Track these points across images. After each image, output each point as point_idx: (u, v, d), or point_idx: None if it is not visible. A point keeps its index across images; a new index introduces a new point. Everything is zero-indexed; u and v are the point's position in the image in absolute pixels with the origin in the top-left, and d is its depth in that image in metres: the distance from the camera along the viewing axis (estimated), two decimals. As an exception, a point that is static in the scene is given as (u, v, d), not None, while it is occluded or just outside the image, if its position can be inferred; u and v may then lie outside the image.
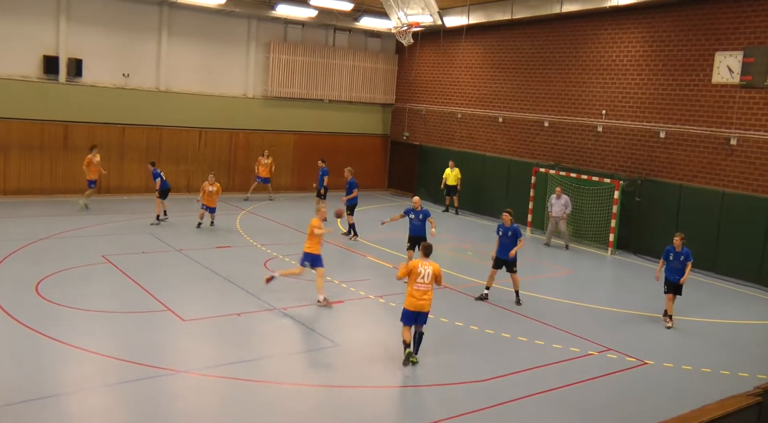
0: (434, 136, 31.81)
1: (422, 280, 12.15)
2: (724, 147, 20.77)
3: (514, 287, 16.65)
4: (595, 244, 23.39)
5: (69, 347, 12.07)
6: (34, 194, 25.82)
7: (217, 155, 29.61)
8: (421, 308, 12.19)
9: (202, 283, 16.67)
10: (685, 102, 21.79)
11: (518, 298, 16.58)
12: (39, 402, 10.04)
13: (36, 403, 9.99)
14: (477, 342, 13.87)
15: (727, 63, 20.64)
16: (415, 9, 18.40)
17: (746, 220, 20.05)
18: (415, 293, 12.16)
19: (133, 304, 14.67)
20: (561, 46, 25.80)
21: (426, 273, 12.16)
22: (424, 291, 12.19)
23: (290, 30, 30.95)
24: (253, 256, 19.41)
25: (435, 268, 12.27)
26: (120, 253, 18.56)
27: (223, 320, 14.09)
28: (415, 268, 12.18)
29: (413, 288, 12.17)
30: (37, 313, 13.64)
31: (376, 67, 33.36)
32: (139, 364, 11.53)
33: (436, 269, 12.28)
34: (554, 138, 26.04)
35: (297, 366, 12.22)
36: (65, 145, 26.23)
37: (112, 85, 27.02)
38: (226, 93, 29.79)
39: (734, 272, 20.23)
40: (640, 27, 23.09)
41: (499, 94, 28.46)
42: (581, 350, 13.65)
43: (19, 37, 25.05)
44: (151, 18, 27.53)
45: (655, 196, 22.34)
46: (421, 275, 12.14)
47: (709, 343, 14.83)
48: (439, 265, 12.43)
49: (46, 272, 16.27)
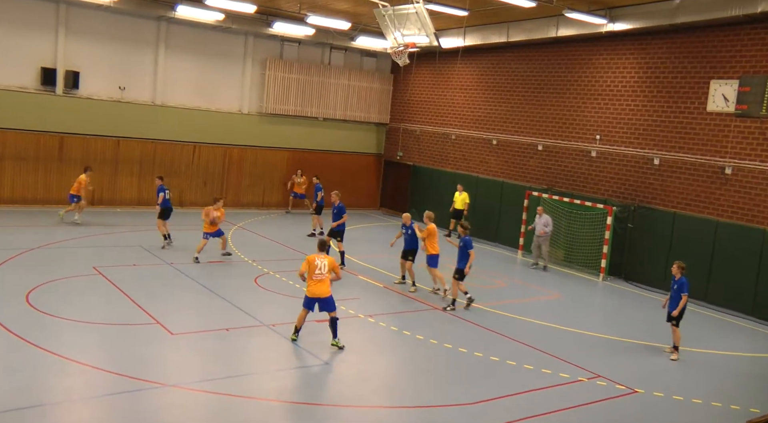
0: (428, 156, 31.85)
1: (319, 271, 13.53)
2: (719, 176, 20.82)
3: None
4: (586, 269, 23.36)
5: (57, 357, 11.99)
6: (28, 204, 25.79)
7: (210, 170, 29.62)
8: (320, 295, 13.55)
9: (192, 297, 16.60)
10: (680, 129, 21.86)
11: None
12: (25, 411, 9.95)
13: (22, 413, 9.90)
14: (465, 365, 13.79)
15: (723, 91, 20.73)
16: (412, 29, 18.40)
17: (740, 251, 19.98)
18: (312, 283, 13.56)
19: (122, 316, 14.58)
20: (556, 70, 25.91)
21: (322, 265, 13.56)
22: (319, 281, 13.53)
23: (287, 47, 31.06)
24: (244, 272, 19.35)
25: (330, 260, 13.73)
26: (111, 265, 18.48)
27: (212, 335, 14.02)
28: (312, 261, 13.59)
29: (311, 279, 13.57)
30: (26, 322, 13.56)
31: (371, 86, 33.45)
32: (126, 377, 11.43)
33: (331, 261, 13.73)
34: (548, 162, 26.09)
35: (284, 383, 12.12)
36: (60, 156, 26.23)
37: (108, 97, 27.04)
38: (221, 108, 29.82)
39: (727, 303, 20.13)
40: (635, 53, 23.21)
41: (494, 117, 28.53)
42: (571, 376, 13.59)
43: (18, 49, 25.17)
44: (149, 32, 27.61)
45: (648, 223, 22.35)
46: (318, 267, 13.53)
47: (701, 373, 14.74)
48: (334, 259, 14.08)
49: (37, 282, 16.20)
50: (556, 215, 24.28)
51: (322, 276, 13.54)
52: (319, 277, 13.54)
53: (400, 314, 16.84)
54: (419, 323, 16.22)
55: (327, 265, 13.60)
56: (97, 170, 26.60)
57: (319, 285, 13.53)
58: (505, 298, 19.62)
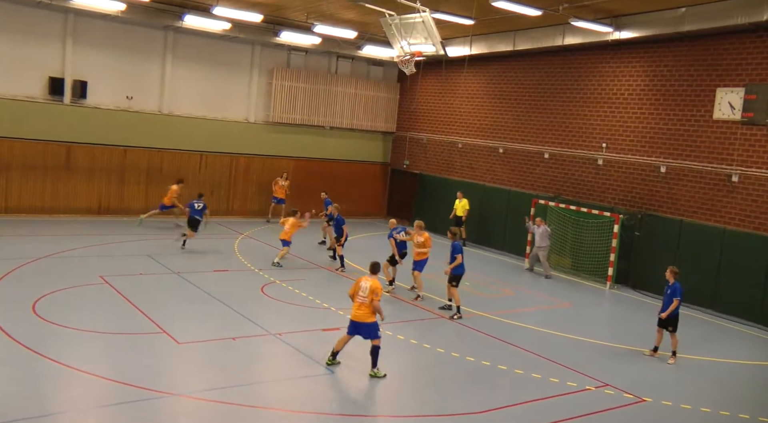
0: (435, 165, 31.86)
1: (362, 293, 12.96)
2: (725, 184, 20.78)
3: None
4: (593, 277, 23.31)
5: (63, 367, 12.00)
6: (35, 213, 25.85)
7: (217, 179, 29.68)
8: (358, 319, 12.96)
9: (199, 306, 16.61)
10: (686, 137, 21.84)
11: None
12: (32, 421, 9.94)
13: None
14: (473, 373, 13.76)
15: (729, 99, 20.70)
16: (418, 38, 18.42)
17: (747, 258, 19.91)
18: (355, 305, 13.07)
19: (128, 326, 14.60)
20: (562, 79, 25.92)
21: (365, 287, 12.95)
22: (360, 303, 12.93)
23: (293, 56, 31.14)
24: (251, 281, 19.36)
25: (374, 284, 13.01)
26: (118, 274, 18.51)
27: (218, 344, 14.02)
28: (359, 282, 13.15)
29: (355, 300, 13.08)
30: (33, 332, 13.58)
31: (378, 95, 33.50)
32: (132, 386, 11.44)
33: (374, 287, 12.97)
34: (554, 170, 26.08)
35: (291, 392, 12.10)
36: (67, 165, 26.32)
37: (115, 107, 27.15)
38: (228, 117, 29.91)
39: (735, 310, 20.06)
40: (641, 61, 23.20)
41: (500, 125, 28.54)
42: (578, 385, 13.55)
43: (26, 59, 25.31)
44: (157, 42, 27.73)
45: (655, 231, 22.30)
46: (362, 289, 12.99)
47: (709, 381, 14.69)
48: (380, 284, 13.18)
49: (43, 291, 16.22)
50: (563, 223, 24.27)
51: (363, 299, 12.92)
52: (360, 300, 12.95)
53: (406, 323, 16.83)
54: (426, 332, 16.21)
55: (369, 288, 12.92)
56: (103, 179, 26.86)
57: (359, 308, 12.95)
58: (512, 306, 19.60)
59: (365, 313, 12.90)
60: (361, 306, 12.91)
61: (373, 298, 12.83)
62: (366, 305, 12.87)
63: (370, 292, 12.85)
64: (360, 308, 12.93)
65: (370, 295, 12.83)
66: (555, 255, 24.68)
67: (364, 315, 12.89)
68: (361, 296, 12.93)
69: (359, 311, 12.93)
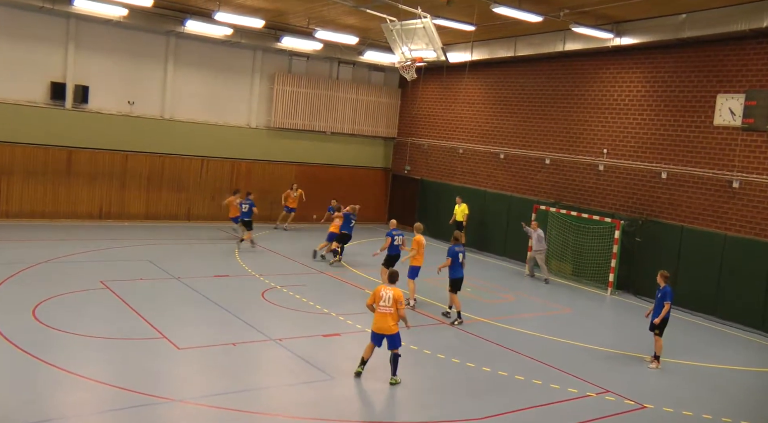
0: (436, 170, 31.88)
1: (384, 303, 12.78)
2: (726, 190, 20.78)
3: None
4: (594, 283, 23.30)
5: (64, 372, 12.00)
6: (36, 218, 25.88)
7: (218, 184, 29.67)
8: (383, 331, 12.76)
9: (199, 311, 16.61)
10: (687, 143, 21.85)
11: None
12: (30, 428, 9.95)
13: (27, 430, 9.90)
14: (473, 380, 13.76)
15: (729, 105, 20.72)
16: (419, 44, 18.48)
17: (748, 265, 19.88)
18: (377, 316, 12.84)
19: (129, 331, 14.60)
20: (563, 84, 25.95)
21: (387, 297, 12.79)
22: (383, 314, 12.75)
23: (295, 62, 31.19)
24: (251, 286, 19.36)
25: (396, 293, 12.83)
26: (118, 279, 18.53)
27: (218, 349, 14.02)
28: (378, 292, 12.90)
29: (377, 311, 12.86)
30: (33, 337, 13.58)
31: (379, 100, 33.53)
32: (133, 392, 11.44)
33: (397, 295, 12.81)
34: (555, 176, 26.09)
35: (291, 398, 12.09)
36: (68, 170, 26.34)
37: (117, 112, 27.18)
38: (229, 123, 29.94)
39: (736, 317, 20.04)
40: (642, 67, 23.23)
41: (501, 131, 28.57)
42: (579, 391, 13.54)
43: (28, 64, 25.34)
44: (158, 47, 27.77)
45: (656, 237, 22.30)
46: (383, 299, 12.80)
47: (711, 388, 14.67)
48: (401, 291, 13.01)
49: (43, 296, 16.23)
50: (564, 229, 24.29)
51: (386, 309, 12.75)
52: (383, 310, 12.76)
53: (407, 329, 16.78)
54: (427, 338, 16.18)
55: (392, 297, 12.77)
56: (104, 184, 26.88)
57: (383, 318, 12.75)
58: (513, 312, 19.57)
59: (390, 323, 12.74)
60: (385, 316, 12.74)
61: (398, 307, 12.75)
62: (391, 315, 12.73)
63: (393, 302, 12.74)
64: (384, 318, 12.74)
65: (394, 305, 12.73)
66: (556, 261, 24.69)
67: (389, 326, 12.73)
68: (383, 306, 12.77)
69: (380, 321, 12.77)
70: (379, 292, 12.87)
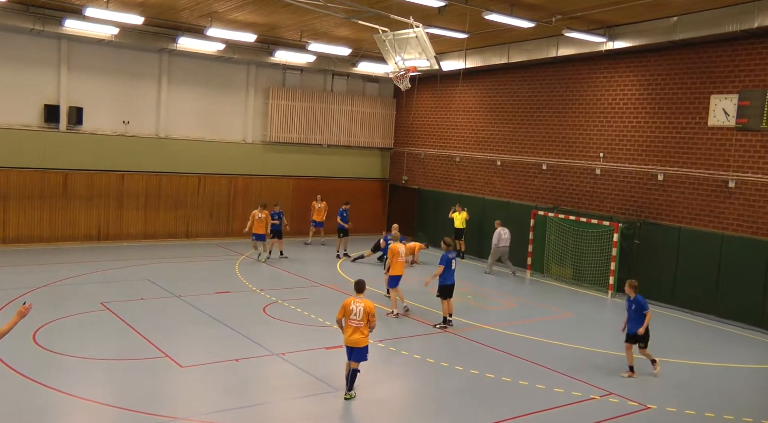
0: (433, 179, 31.91)
1: (354, 317, 12.40)
2: (723, 189, 20.81)
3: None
4: (594, 287, 23.31)
5: (66, 396, 11.97)
6: (34, 242, 25.82)
7: (216, 201, 29.69)
8: (353, 344, 12.40)
9: (201, 328, 16.59)
10: (682, 145, 21.89)
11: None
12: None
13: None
14: (477, 386, 13.74)
15: (723, 106, 20.77)
16: (413, 54, 18.48)
17: (746, 263, 19.93)
18: (348, 329, 12.46)
19: (131, 351, 14.58)
20: (558, 89, 26.00)
21: (358, 310, 12.40)
22: (356, 328, 12.36)
23: (289, 75, 31.26)
24: (252, 301, 19.35)
25: (367, 305, 12.46)
26: (119, 300, 18.50)
27: (222, 366, 14.00)
28: (348, 306, 12.49)
29: (347, 324, 12.47)
30: (34, 362, 13.53)
31: (374, 111, 33.60)
32: (136, 412, 11.42)
33: (368, 307, 12.45)
34: (552, 181, 26.12)
35: (295, 412, 12.07)
36: (65, 193, 26.31)
37: (112, 132, 27.19)
38: (225, 138, 29.97)
39: (735, 315, 20.07)
40: (635, 70, 23.29)
41: (497, 137, 28.61)
42: (583, 394, 13.53)
43: (20, 87, 25.32)
44: (152, 65, 27.81)
45: (654, 239, 22.32)
46: (354, 312, 12.41)
47: (712, 387, 14.68)
48: (372, 303, 12.65)
49: (44, 320, 16.14)
50: (563, 234, 24.32)
51: (358, 323, 12.37)
52: (354, 324, 12.37)
53: (409, 338, 16.80)
54: (429, 347, 16.18)
55: (363, 311, 12.38)
56: (102, 205, 26.85)
57: (355, 332, 12.36)
58: (514, 318, 19.56)
59: (362, 336, 12.41)
60: (357, 330, 12.38)
61: (369, 319, 12.41)
62: (363, 328, 12.39)
63: (365, 315, 12.38)
64: (356, 332, 12.38)
65: (365, 318, 12.38)
66: (556, 265, 24.71)
67: (361, 339, 12.40)
68: (354, 320, 12.40)
69: (356, 335, 12.39)
70: (349, 306, 12.46)
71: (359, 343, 12.40)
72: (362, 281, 13.04)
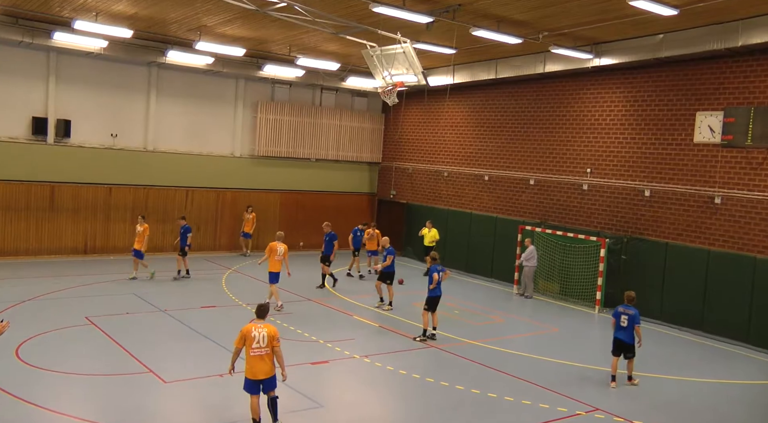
0: (421, 194, 31.95)
1: (257, 345, 11.11)
2: (709, 205, 20.91)
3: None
4: (582, 302, 23.34)
5: (49, 412, 11.86)
6: (20, 255, 25.66)
7: (204, 214, 29.62)
8: (261, 376, 11.16)
9: (185, 343, 16.50)
10: (668, 161, 22.01)
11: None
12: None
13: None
14: (463, 402, 13.70)
15: (708, 123, 20.91)
16: (400, 69, 18.55)
17: (732, 279, 20.02)
18: (251, 360, 11.16)
19: (114, 367, 14.47)
20: (545, 105, 26.11)
21: (261, 337, 11.13)
22: (258, 356, 11.12)
23: (277, 90, 31.29)
24: (238, 316, 19.24)
25: (270, 331, 11.21)
26: (103, 315, 18.39)
27: (205, 381, 13.92)
28: (249, 333, 11.13)
29: (249, 355, 11.15)
30: (16, 377, 13.40)
31: (362, 126, 33.65)
32: (119, 429, 11.34)
33: (272, 332, 11.21)
34: (540, 196, 26.19)
35: (280, 429, 12.02)
36: (51, 205, 26.18)
37: (99, 145, 27.11)
38: (213, 152, 29.94)
39: (721, 331, 20.14)
40: (622, 87, 23.42)
41: (485, 153, 28.69)
42: (569, 410, 13.51)
43: (8, 99, 25.21)
44: (140, 78, 27.78)
45: (641, 254, 22.38)
46: (256, 340, 11.10)
47: (698, 402, 14.68)
48: (275, 328, 11.45)
49: (27, 335, 16.02)
50: (550, 249, 24.37)
51: (262, 351, 11.10)
52: (257, 352, 11.07)
53: (395, 354, 16.75)
54: (415, 362, 16.14)
55: (266, 337, 11.11)
56: (88, 218, 26.77)
57: (259, 362, 11.11)
58: (501, 333, 19.55)
59: (265, 367, 11.17)
60: (262, 359, 11.11)
61: (274, 345, 11.17)
62: (267, 356, 11.15)
63: (269, 341, 11.14)
64: (260, 362, 11.12)
65: (270, 344, 11.15)
66: (543, 280, 24.75)
67: (267, 369, 11.18)
68: (257, 349, 11.08)
69: (258, 366, 11.12)
70: (250, 333, 11.07)
71: (269, 373, 11.22)
72: (266, 306, 11.66)
